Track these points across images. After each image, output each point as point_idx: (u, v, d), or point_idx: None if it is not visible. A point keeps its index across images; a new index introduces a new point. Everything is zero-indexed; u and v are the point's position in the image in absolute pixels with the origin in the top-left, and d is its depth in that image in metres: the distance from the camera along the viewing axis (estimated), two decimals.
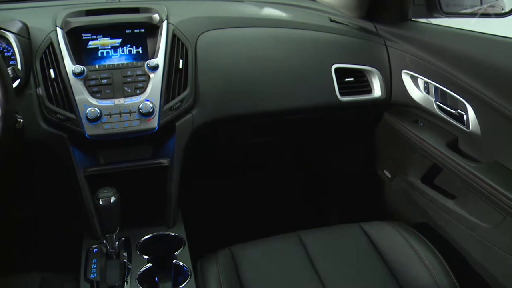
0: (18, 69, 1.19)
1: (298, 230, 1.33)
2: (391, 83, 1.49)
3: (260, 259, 1.23)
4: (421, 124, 1.45)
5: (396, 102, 1.50)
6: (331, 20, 1.60)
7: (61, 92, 1.22)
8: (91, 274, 1.17)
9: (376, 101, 1.49)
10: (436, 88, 1.33)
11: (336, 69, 1.45)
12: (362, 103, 1.49)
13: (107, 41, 1.32)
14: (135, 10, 1.40)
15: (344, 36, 1.52)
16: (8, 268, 1.28)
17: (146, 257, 1.22)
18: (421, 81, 1.39)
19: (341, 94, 1.45)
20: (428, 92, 1.38)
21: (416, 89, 1.42)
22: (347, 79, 1.47)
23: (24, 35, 1.27)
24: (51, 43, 1.26)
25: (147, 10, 1.39)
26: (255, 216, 1.88)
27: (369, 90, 1.50)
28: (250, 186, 1.96)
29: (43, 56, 1.25)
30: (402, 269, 1.19)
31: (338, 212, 1.98)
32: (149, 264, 1.20)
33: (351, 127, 1.71)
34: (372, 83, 1.50)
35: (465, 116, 1.22)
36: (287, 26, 1.51)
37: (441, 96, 1.32)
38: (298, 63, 1.44)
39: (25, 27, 1.29)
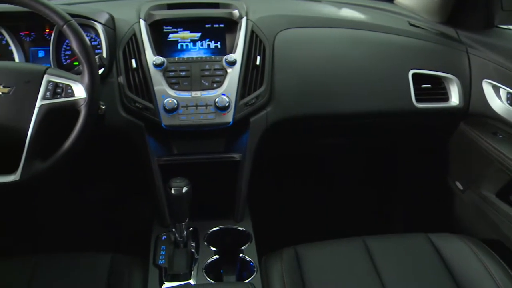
0: (104, 57, 1.24)
1: (364, 235, 1.30)
2: (470, 92, 1.44)
3: (324, 261, 1.22)
4: (500, 136, 1.38)
5: (474, 112, 1.44)
6: (411, 24, 1.56)
7: (141, 82, 1.26)
8: (160, 260, 1.21)
9: (452, 109, 1.44)
10: None
11: (414, 75, 1.41)
12: (438, 110, 1.44)
13: (187, 34, 1.35)
14: (215, 5, 1.43)
15: (424, 41, 1.48)
16: (80, 246, 1.34)
17: (213, 248, 1.25)
18: (503, 91, 1.33)
19: (417, 100, 1.41)
20: (511, 104, 1.31)
21: (497, 99, 1.36)
22: (424, 85, 1.43)
23: (110, 26, 1.32)
24: (134, 34, 1.31)
25: (227, 5, 1.41)
26: (320, 217, 1.87)
27: (446, 98, 1.45)
28: (317, 186, 1.95)
29: (126, 46, 1.30)
30: (471, 286, 1.14)
31: (403, 219, 1.93)
32: (216, 256, 1.22)
33: (423, 135, 1.67)
34: (449, 90, 1.45)
35: None
36: (365, 28, 1.49)
37: None
38: (375, 66, 1.41)
39: (111, 18, 1.34)
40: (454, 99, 1.44)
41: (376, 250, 1.24)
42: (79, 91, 1.04)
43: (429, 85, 1.44)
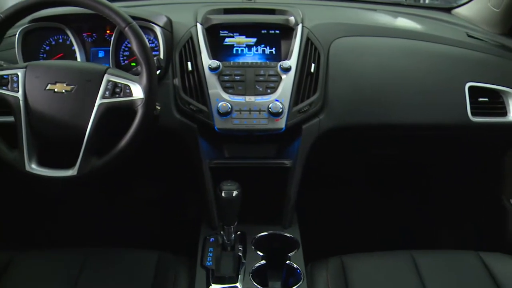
0: (161, 59, 1.27)
1: (411, 249, 1.28)
2: None
3: (370, 272, 1.20)
4: None
5: None
6: (469, 35, 1.53)
7: (195, 85, 1.28)
8: (207, 262, 1.22)
9: (510, 125, 1.40)
10: None
11: (470, 88, 1.38)
12: (495, 125, 1.40)
13: (243, 39, 1.37)
14: (271, 11, 1.44)
15: (482, 53, 1.45)
16: (129, 242, 1.37)
17: (260, 253, 1.25)
18: None
19: (472, 114, 1.38)
20: None
21: None
22: (480, 99, 1.39)
23: (168, 28, 1.35)
24: (191, 38, 1.33)
25: (282, 12, 1.42)
26: (366, 227, 1.85)
27: (504, 112, 1.41)
28: (365, 196, 1.93)
29: (183, 49, 1.32)
30: None
31: (452, 235, 1.88)
32: (263, 261, 1.22)
33: (478, 150, 1.62)
34: (508, 105, 1.41)
35: None
36: (421, 38, 1.47)
37: None
38: (430, 78, 1.39)
39: (169, 21, 1.37)
40: None
41: (423, 265, 1.22)
42: (137, 92, 1.07)
43: (486, 99, 1.40)
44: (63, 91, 1.07)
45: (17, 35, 1.28)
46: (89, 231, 1.78)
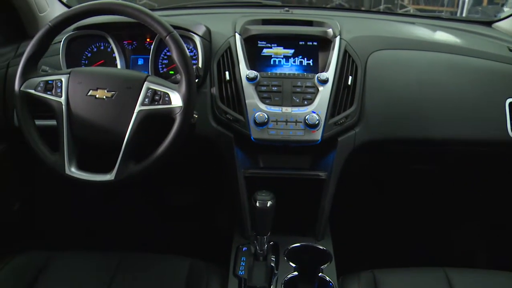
0: (200, 68, 1.28)
1: (444, 266, 1.25)
2: None
3: None
4: None
5: None
6: (510, 50, 1.50)
7: (233, 94, 1.29)
8: (240, 271, 1.22)
9: None
10: None
11: (511, 104, 1.35)
12: None
13: (280, 50, 1.37)
14: (309, 23, 1.44)
15: None
16: (162, 248, 1.39)
17: (293, 265, 1.25)
18: None
19: None
20: None
21: None
22: None
23: (207, 38, 1.36)
24: (229, 48, 1.34)
25: (320, 24, 1.43)
26: (400, 241, 1.83)
27: None
28: (399, 211, 1.91)
29: (221, 58, 1.34)
30: None
31: (487, 254, 1.83)
32: (295, 273, 1.22)
33: None
34: None
35: None
36: (460, 52, 1.45)
37: None
38: (469, 93, 1.37)
39: (208, 31, 1.39)
40: None
41: (458, 284, 1.19)
42: (176, 100, 1.09)
43: None
44: (104, 97, 1.09)
45: (62, 42, 1.32)
46: (123, 235, 1.81)
